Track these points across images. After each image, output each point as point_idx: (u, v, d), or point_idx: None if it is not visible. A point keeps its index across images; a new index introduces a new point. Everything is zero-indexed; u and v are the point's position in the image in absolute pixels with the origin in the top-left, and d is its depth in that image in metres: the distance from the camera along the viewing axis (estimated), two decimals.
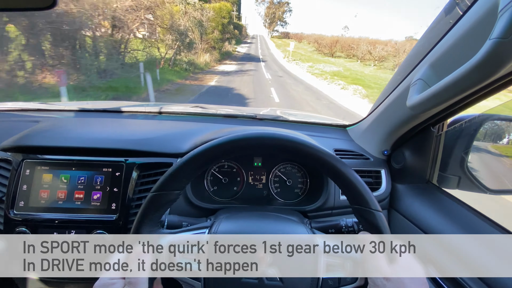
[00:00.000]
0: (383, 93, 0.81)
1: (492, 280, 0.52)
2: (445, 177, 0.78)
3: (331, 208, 0.81)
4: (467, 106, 0.61)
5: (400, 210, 0.83)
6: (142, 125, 0.94)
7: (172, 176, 0.44)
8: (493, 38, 0.36)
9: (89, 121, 0.98)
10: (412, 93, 0.58)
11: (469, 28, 0.47)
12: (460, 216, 0.68)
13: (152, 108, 1.22)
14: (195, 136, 0.84)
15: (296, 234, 0.47)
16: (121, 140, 0.78)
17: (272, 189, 0.87)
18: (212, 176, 0.86)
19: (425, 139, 0.78)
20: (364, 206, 0.43)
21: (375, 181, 0.86)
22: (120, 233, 0.71)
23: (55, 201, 0.71)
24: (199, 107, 1.33)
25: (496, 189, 0.75)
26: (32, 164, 0.72)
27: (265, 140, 0.45)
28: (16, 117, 1.04)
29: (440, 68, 0.56)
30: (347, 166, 0.44)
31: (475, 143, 0.73)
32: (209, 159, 0.45)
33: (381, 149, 0.88)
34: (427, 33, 0.62)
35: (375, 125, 0.88)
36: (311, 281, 0.42)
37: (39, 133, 0.81)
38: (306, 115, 1.49)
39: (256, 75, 12.64)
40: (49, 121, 0.93)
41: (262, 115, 1.23)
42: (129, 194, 0.72)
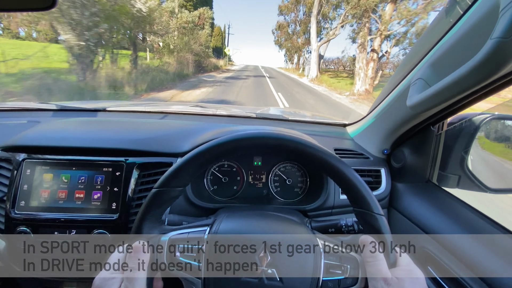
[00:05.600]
0: (383, 92, 0.81)
1: (493, 280, 0.52)
2: (445, 176, 0.78)
3: (331, 208, 0.81)
4: (467, 105, 0.61)
5: (400, 209, 0.83)
6: (142, 124, 0.94)
7: (175, 173, 0.45)
8: (494, 38, 0.36)
9: (89, 121, 0.98)
10: (412, 93, 0.58)
11: (470, 28, 0.47)
12: (460, 215, 0.69)
13: (152, 108, 1.22)
14: (195, 135, 0.84)
15: (296, 234, 0.47)
16: (121, 140, 0.78)
17: (272, 189, 0.87)
18: (212, 175, 0.86)
19: (425, 138, 0.78)
20: (366, 209, 0.43)
21: (375, 180, 0.86)
22: (120, 232, 0.71)
23: (55, 201, 0.71)
24: (199, 106, 1.33)
25: (496, 188, 0.75)
26: (33, 164, 0.72)
27: (268, 140, 0.46)
28: (16, 117, 1.04)
29: (441, 67, 0.55)
30: (348, 168, 0.44)
31: (475, 142, 0.73)
32: (212, 157, 0.45)
33: (381, 148, 0.88)
34: (428, 32, 0.62)
35: (375, 124, 0.88)
36: (311, 281, 0.42)
37: (39, 133, 0.80)
38: (306, 114, 1.49)
39: None
40: (49, 121, 0.93)
41: (262, 114, 1.24)
42: (129, 194, 0.72)
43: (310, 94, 11.96)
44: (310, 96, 11.43)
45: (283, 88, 13.25)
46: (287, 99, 9.44)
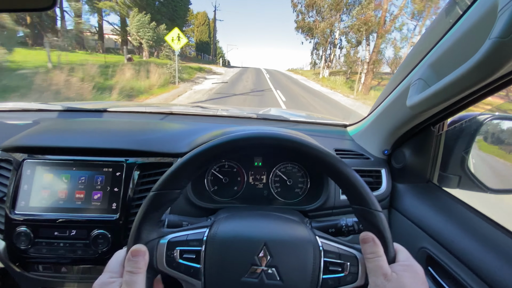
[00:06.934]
0: (383, 92, 0.81)
1: (492, 280, 0.52)
2: (445, 177, 0.78)
3: (331, 208, 0.81)
4: (467, 105, 0.61)
5: (400, 210, 0.83)
6: (143, 125, 0.94)
7: (173, 175, 0.45)
8: (493, 38, 0.36)
9: (89, 121, 0.98)
10: (412, 93, 0.58)
11: (469, 28, 0.47)
12: (461, 215, 0.68)
13: (152, 108, 1.22)
14: (195, 136, 0.84)
15: (297, 234, 0.47)
16: (121, 140, 0.78)
17: (272, 189, 0.87)
18: (212, 175, 0.86)
19: (425, 138, 0.78)
20: (365, 206, 0.43)
21: (375, 180, 0.86)
22: (120, 233, 0.71)
23: (55, 201, 0.71)
24: (199, 107, 1.33)
25: (496, 189, 0.75)
26: (33, 164, 0.72)
27: (266, 140, 0.45)
28: (17, 117, 1.04)
29: (440, 67, 0.56)
30: (347, 166, 0.44)
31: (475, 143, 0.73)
32: (209, 158, 0.45)
33: (381, 149, 0.88)
34: (427, 33, 0.62)
35: (375, 125, 0.88)
36: (311, 280, 0.42)
37: (39, 133, 0.81)
38: (306, 114, 1.49)
39: None
40: (49, 121, 0.94)
41: (262, 114, 1.24)
42: (129, 194, 0.72)
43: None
44: None
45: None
46: None
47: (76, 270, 0.77)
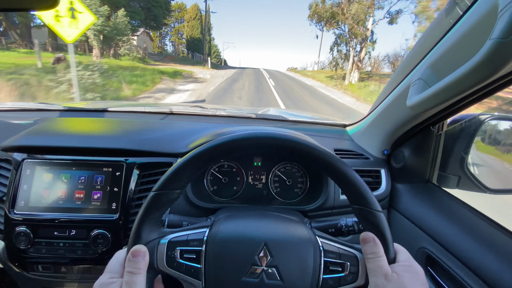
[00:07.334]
0: (383, 92, 0.81)
1: (492, 280, 0.52)
2: (445, 177, 0.79)
3: (331, 208, 0.81)
4: (467, 106, 0.62)
5: (400, 210, 0.83)
6: (142, 125, 0.94)
7: (173, 176, 0.45)
8: (493, 38, 0.36)
9: (89, 121, 0.98)
10: (412, 93, 0.58)
11: (469, 28, 0.47)
12: (460, 215, 0.69)
13: (152, 108, 1.22)
14: (195, 136, 0.84)
15: (297, 233, 0.47)
16: (121, 140, 0.78)
17: (272, 189, 0.87)
18: (212, 175, 0.86)
19: (425, 138, 0.78)
20: (365, 206, 0.43)
21: (375, 180, 0.86)
22: (120, 232, 0.71)
23: (55, 201, 0.71)
24: (199, 107, 1.33)
25: (496, 189, 0.75)
26: (33, 164, 0.72)
27: (266, 140, 0.45)
28: (16, 117, 1.04)
29: (440, 68, 0.56)
30: (347, 166, 0.44)
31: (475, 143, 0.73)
32: (209, 158, 0.45)
33: (381, 149, 0.88)
34: (427, 33, 0.62)
35: (375, 125, 0.88)
36: (311, 279, 0.42)
37: (39, 133, 0.81)
38: (305, 114, 1.49)
39: None
40: (49, 121, 0.93)
41: (261, 115, 1.24)
42: (129, 194, 0.72)
43: None
44: None
45: None
46: None
47: (75, 270, 0.77)
